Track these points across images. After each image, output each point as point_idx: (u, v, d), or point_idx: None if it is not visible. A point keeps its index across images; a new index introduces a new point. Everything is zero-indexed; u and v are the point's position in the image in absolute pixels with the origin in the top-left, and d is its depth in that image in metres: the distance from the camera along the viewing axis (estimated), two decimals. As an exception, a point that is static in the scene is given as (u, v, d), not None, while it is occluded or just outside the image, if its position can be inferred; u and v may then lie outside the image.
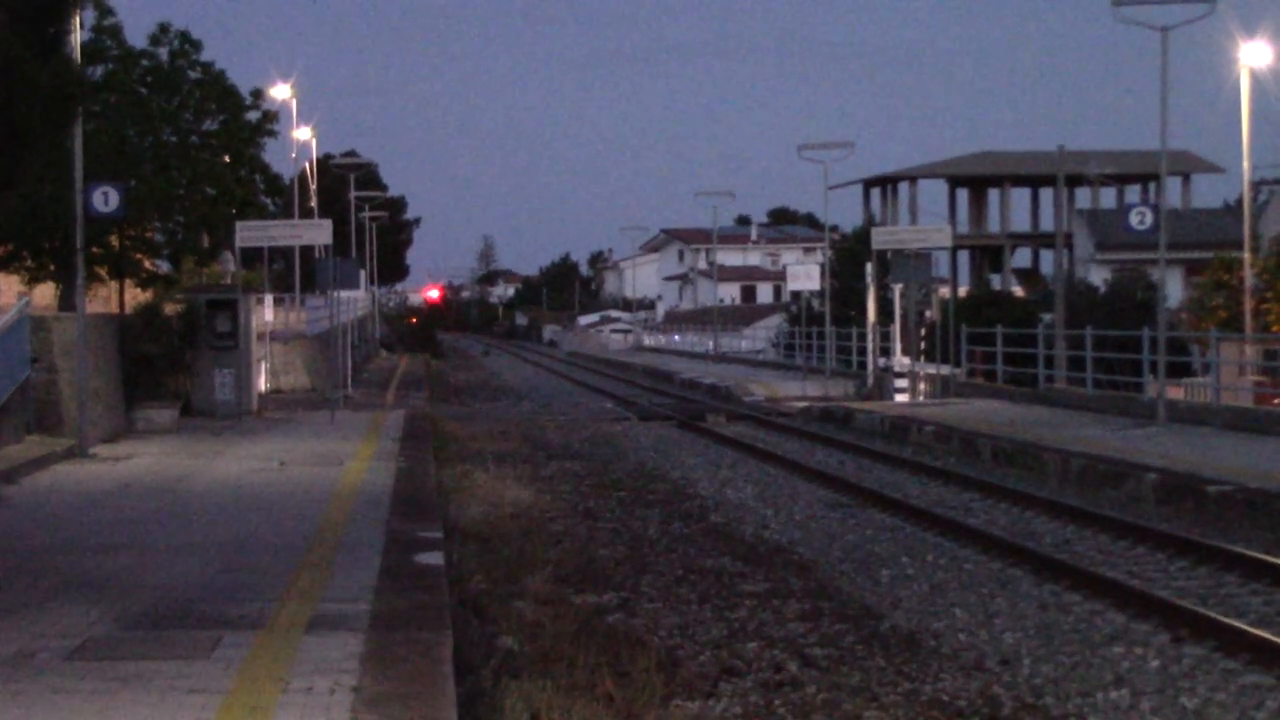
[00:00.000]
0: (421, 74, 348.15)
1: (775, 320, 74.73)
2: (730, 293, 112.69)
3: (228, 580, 11.00)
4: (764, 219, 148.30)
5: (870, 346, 39.75)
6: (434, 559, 11.81)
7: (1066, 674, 10.61)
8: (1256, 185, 40.52)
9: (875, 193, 79.76)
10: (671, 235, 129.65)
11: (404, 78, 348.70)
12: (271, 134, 34.30)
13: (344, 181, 68.60)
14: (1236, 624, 11.45)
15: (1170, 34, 24.79)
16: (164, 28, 32.36)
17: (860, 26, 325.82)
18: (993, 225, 77.31)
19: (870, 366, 39.59)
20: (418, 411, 30.99)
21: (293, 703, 7.48)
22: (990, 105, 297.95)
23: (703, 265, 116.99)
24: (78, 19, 19.47)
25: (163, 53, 32.33)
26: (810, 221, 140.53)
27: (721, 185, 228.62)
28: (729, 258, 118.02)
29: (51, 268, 30.01)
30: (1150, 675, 10.55)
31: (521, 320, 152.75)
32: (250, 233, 28.56)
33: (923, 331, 37.64)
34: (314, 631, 9.09)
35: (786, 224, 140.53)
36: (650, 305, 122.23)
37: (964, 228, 76.08)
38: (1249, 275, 34.09)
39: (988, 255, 76.47)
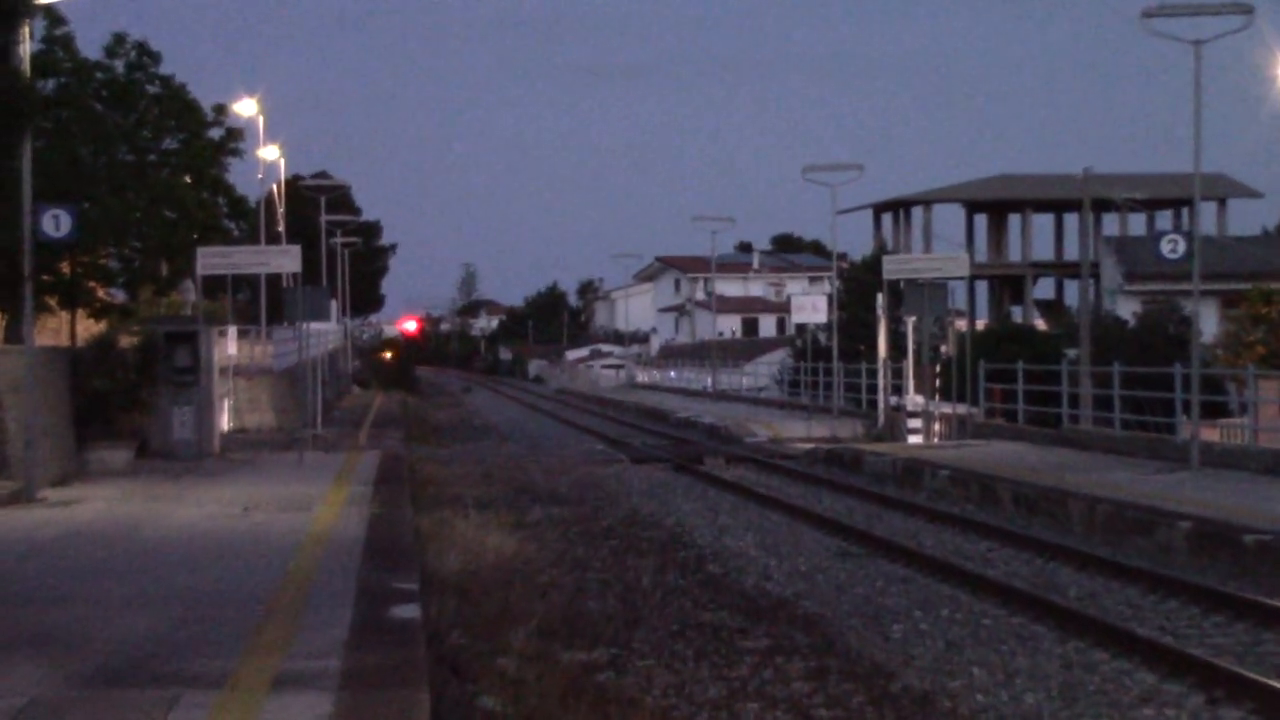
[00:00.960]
0: (398, 89, 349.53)
1: (779, 355, 74.82)
2: (730, 325, 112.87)
3: (186, 635, 10.98)
4: (767, 246, 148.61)
5: (881, 384, 39.79)
6: (410, 612, 11.81)
7: (1093, 738, 10.61)
8: (1297, 211, 40.74)
9: (887, 218, 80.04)
10: (667, 263, 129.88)
11: (380, 93, 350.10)
12: (236, 153, 34.44)
13: (314, 204, 68.65)
14: (1277, 685, 11.45)
15: (1204, 48, 24.95)
16: (120, 38, 32.49)
17: (871, 41, 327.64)
18: (1013, 253, 77.57)
19: (881, 405, 39.63)
20: (393, 453, 30.98)
21: (256, 767, 7.47)
22: (1011, 125, 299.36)
23: (701, 296, 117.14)
24: (27, 28, 19.54)
25: (119, 65, 32.46)
26: (817, 249, 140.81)
27: (721, 210, 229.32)
28: (729, 288, 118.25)
29: (-3, 297, 30.04)
30: (1183, 739, 10.55)
31: (505, 354, 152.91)
32: (212, 259, 28.61)
33: (937, 368, 37.67)
34: (280, 691, 9.08)
35: (791, 252, 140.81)
36: (644, 338, 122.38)
37: (982, 256, 76.30)
38: (1289, 308, 34.20)
39: (1008, 286, 76.69)
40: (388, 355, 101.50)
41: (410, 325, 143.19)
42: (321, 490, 22.20)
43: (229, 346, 38.36)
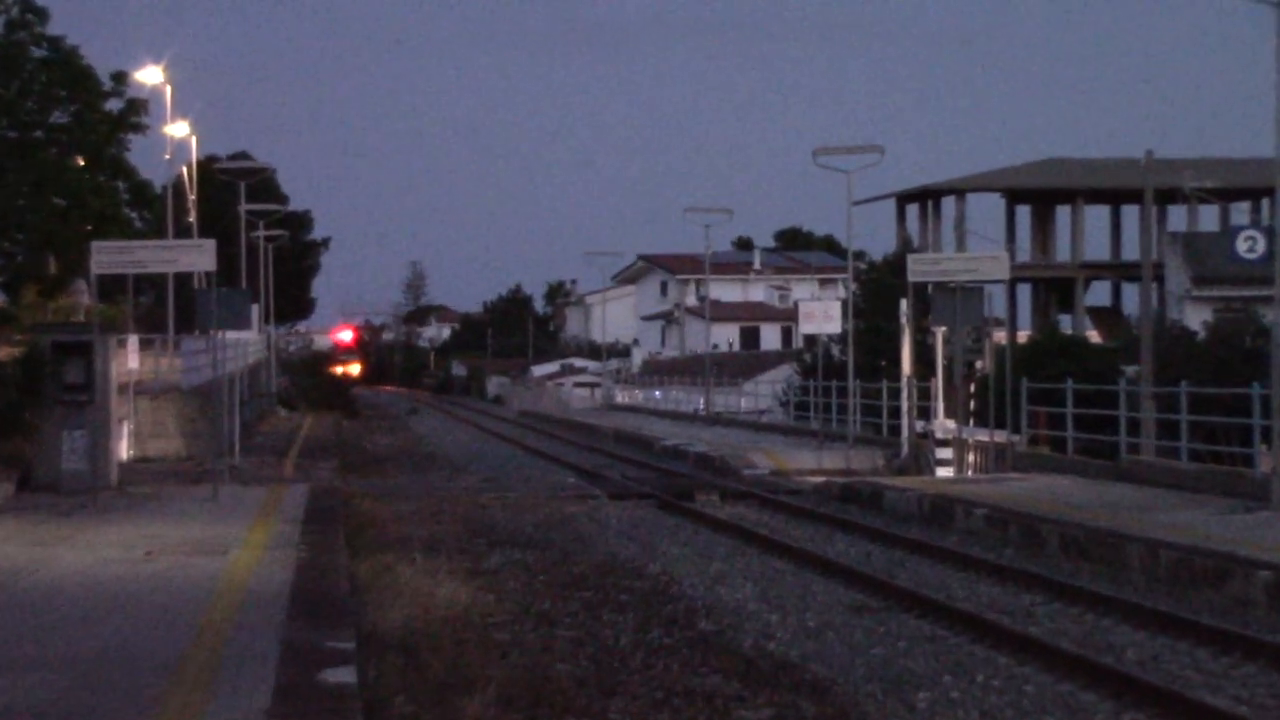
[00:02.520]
0: (334, 57, 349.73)
1: (784, 371, 74.97)
2: (727, 336, 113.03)
3: (77, 704, 10.96)
4: (770, 243, 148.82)
5: (905, 407, 39.88)
6: (345, 676, 11.81)
7: (1154, 827, 10.63)
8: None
9: (912, 210, 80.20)
10: (652, 263, 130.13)
11: (312, 61, 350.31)
12: (138, 129, 34.46)
13: (232, 191, 68.66)
14: (1371, 763, 11.49)
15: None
16: (1, -8, 32.49)
17: (895, 4, 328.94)
18: (1061, 252, 77.77)
19: (905, 432, 39.72)
20: (325, 487, 30.98)
21: None
22: (1059, 101, 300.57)
23: (692, 301, 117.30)
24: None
25: (-1, 24, 32.45)
26: (829, 246, 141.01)
27: (717, 200, 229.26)
28: (726, 291, 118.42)
29: None
30: (1261, 829, 10.59)
31: (459, 370, 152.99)
32: (110, 256, 28.56)
33: (972, 387, 37.72)
34: (188, 769, 9.07)
35: (799, 249, 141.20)
36: (624, 351, 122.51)
37: (1025, 255, 76.45)
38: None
39: (1055, 290, 76.86)
40: (330, 370, 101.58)
41: (345, 335, 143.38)
42: (239, 531, 22.19)
43: (129, 359, 38.30)
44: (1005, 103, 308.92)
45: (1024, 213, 79.05)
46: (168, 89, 48.55)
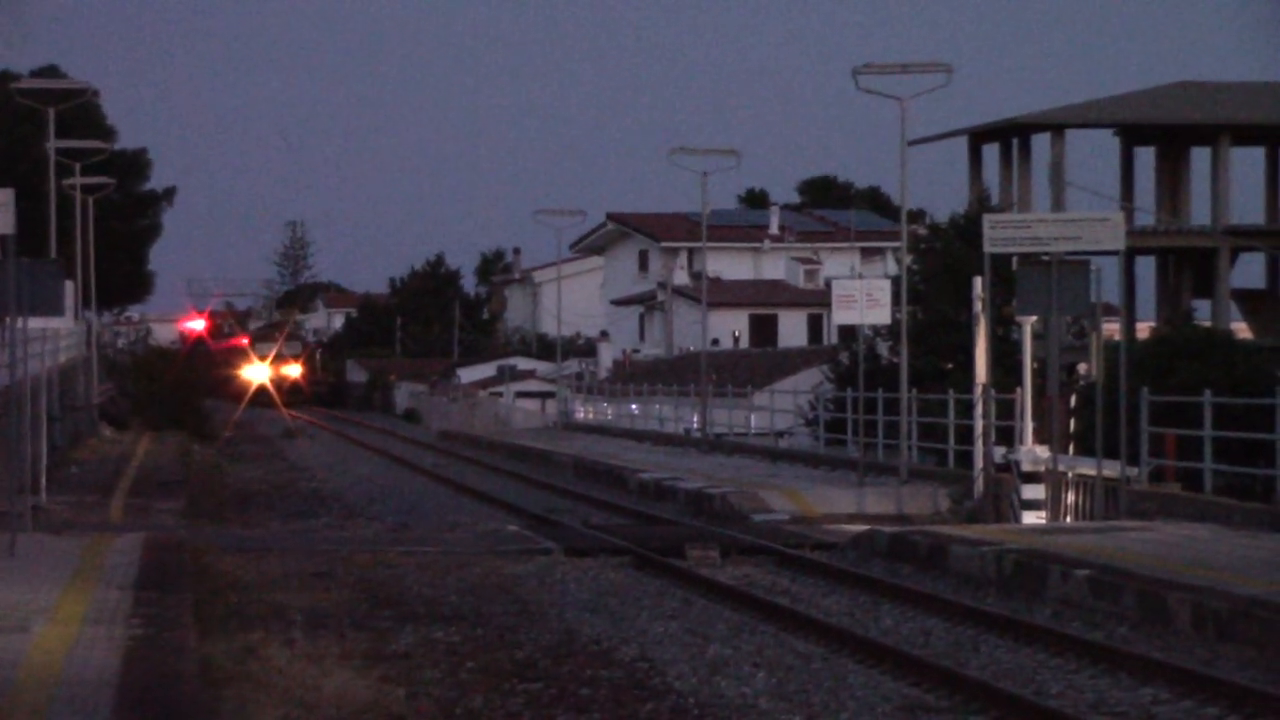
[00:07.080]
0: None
1: (811, 377, 74.99)
2: (732, 327, 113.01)
3: None
4: (793, 198, 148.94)
5: (979, 428, 39.92)
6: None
7: None
8: None
9: (991, 152, 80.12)
10: (627, 225, 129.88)
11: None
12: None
13: (37, 123, 68.57)
14: None
15: None
16: None
17: None
18: (1199, 213, 77.83)
19: (979, 463, 39.76)
20: (168, 538, 30.91)
21: None
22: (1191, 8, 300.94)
23: (682, 278, 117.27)
24: None
25: None
26: (875, 203, 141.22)
27: (717, 139, 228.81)
28: (730, 265, 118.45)
29: None
30: None
31: (356, 374, 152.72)
32: None
33: (1073, 401, 37.77)
34: None
35: (833, 207, 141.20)
36: (588, 348, 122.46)
37: (1148, 216, 76.55)
38: None
39: (1190, 265, 76.98)
40: (236, 373, 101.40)
41: (196, 324, 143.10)
42: (47, 598, 22.16)
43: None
44: (1122, 6, 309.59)
45: (1146, 157, 79.11)
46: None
